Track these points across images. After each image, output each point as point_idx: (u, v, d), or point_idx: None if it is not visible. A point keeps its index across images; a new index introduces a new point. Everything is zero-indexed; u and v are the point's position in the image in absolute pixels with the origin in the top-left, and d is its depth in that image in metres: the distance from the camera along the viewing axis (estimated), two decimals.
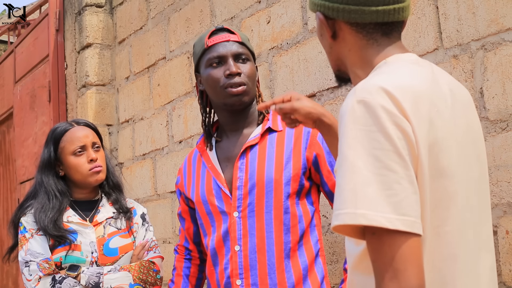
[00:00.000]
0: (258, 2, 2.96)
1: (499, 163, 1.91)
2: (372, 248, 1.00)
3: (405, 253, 0.96)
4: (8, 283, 5.75)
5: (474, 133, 1.20)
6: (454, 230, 1.08)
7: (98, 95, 4.22)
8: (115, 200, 2.29)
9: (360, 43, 1.20)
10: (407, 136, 1.02)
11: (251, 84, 1.87)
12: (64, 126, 2.29)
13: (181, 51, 3.57)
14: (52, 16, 4.64)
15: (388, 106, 1.03)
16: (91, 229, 2.19)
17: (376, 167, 0.99)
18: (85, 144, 2.23)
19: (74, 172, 2.22)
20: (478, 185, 1.17)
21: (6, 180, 5.88)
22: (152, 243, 2.29)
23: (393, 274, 0.96)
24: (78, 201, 2.26)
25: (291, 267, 1.78)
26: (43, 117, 4.72)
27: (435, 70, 1.22)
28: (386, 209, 0.97)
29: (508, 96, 1.90)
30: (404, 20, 1.23)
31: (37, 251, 2.11)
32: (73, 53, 4.48)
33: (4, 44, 8.19)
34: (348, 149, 1.02)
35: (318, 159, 1.83)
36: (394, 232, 0.97)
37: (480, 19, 1.98)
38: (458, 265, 1.08)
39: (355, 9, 1.18)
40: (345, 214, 0.99)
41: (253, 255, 1.79)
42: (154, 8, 3.85)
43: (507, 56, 1.90)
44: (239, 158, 1.86)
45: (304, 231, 1.81)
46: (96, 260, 2.14)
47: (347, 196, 1.00)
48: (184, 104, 3.52)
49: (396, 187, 0.99)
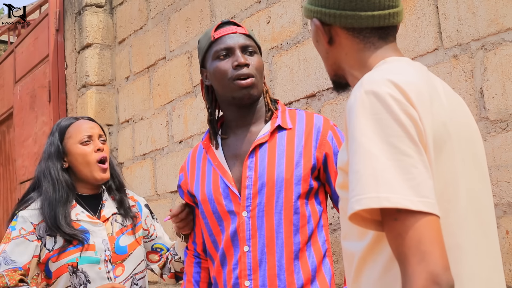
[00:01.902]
0: (258, 2, 2.97)
1: (499, 163, 1.91)
2: (394, 234, 1.00)
3: (430, 235, 0.97)
4: None
5: (471, 132, 1.22)
6: (457, 221, 1.10)
7: (98, 95, 4.22)
8: (120, 201, 2.25)
9: (357, 47, 1.23)
10: (416, 124, 1.04)
11: (259, 77, 1.84)
12: (69, 119, 2.25)
13: (181, 51, 3.57)
14: (52, 16, 4.64)
15: (396, 95, 1.05)
16: (101, 226, 2.15)
17: (392, 153, 1.01)
18: (92, 134, 2.19)
19: (80, 163, 2.17)
20: (477, 182, 1.19)
21: (6, 180, 5.88)
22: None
23: (420, 257, 0.96)
24: (83, 196, 2.21)
25: (300, 268, 1.75)
26: (43, 117, 4.72)
27: (429, 73, 1.25)
28: (407, 192, 0.99)
29: (508, 96, 1.90)
30: (398, 23, 1.26)
31: (12, 257, 2.04)
32: (73, 53, 4.48)
33: (4, 44, 8.19)
34: (362, 137, 1.03)
35: (327, 159, 1.80)
36: (417, 214, 0.98)
37: (480, 19, 1.98)
38: (462, 255, 1.09)
39: (352, 15, 1.20)
40: (367, 199, 1.00)
41: (262, 255, 1.75)
42: (154, 8, 3.85)
43: (507, 56, 1.90)
44: (248, 156, 1.81)
45: (312, 232, 1.78)
46: (109, 259, 2.11)
47: (368, 181, 1.01)
48: (184, 104, 3.52)
49: (414, 171, 1.00)
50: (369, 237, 1.10)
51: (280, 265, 1.74)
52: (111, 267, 2.12)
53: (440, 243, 0.98)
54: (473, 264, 1.11)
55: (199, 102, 3.41)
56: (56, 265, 2.08)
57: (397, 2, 1.22)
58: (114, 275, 2.11)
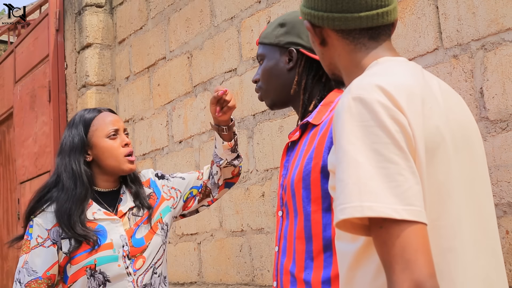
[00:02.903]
0: (258, 2, 2.97)
1: (499, 163, 1.91)
2: (380, 242, 1.00)
3: (414, 243, 0.97)
4: (8, 283, 5.75)
5: (469, 132, 1.22)
6: (450, 224, 1.09)
7: (98, 95, 4.22)
8: (135, 194, 2.19)
9: (348, 48, 1.23)
10: (404, 129, 1.04)
11: (265, 85, 1.73)
12: (92, 111, 2.18)
13: (181, 51, 3.57)
14: (52, 16, 4.64)
15: (384, 101, 1.05)
16: (118, 222, 2.11)
17: (377, 160, 1.01)
18: (118, 128, 2.14)
19: (107, 157, 2.11)
20: (475, 182, 1.18)
21: (6, 180, 5.88)
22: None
23: (404, 265, 0.96)
24: (100, 192, 2.16)
25: (311, 278, 1.56)
26: (43, 117, 4.72)
27: (425, 72, 1.25)
28: (391, 200, 0.98)
29: (508, 96, 1.90)
30: (393, 22, 1.24)
31: (33, 268, 2.02)
32: (73, 53, 4.48)
33: (4, 44, 8.18)
34: (347, 144, 1.03)
35: None
36: (402, 223, 0.98)
37: (480, 19, 1.98)
38: (455, 258, 1.09)
39: (339, 17, 1.20)
40: (351, 208, 1.00)
41: (283, 259, 1.63)
42: (154, 8, 3.85)
43: (507, 56, 1.90)
44: (285, 154, 1.72)
45: (329, 241, 1.54)
46: (127, 254, 2.07)
47: (352, 190, 1.00)
48: (184, 104, 3.52)
49: (399, 179, 1.00)
50: (362, 239, 1.10)
51: (292, 273, 1.61)
52: (129, 262, 2.08)
53: (425, 250, 0.98)
54: (468, 267, 1.10)
55: (199, 102, 3.41)
56: (73, 268, 2.04)
57: (386, 1, 1.21)
58: (133, 269, 2.07)
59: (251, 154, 3.01)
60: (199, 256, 3.39)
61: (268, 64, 1.72)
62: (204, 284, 3.36)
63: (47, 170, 4.61)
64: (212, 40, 3.31)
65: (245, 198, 3.01)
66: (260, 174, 2.95)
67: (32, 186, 4.90)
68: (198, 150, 3.40)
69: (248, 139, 3.03)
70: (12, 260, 5.57)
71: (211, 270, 3.30)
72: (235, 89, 3.11)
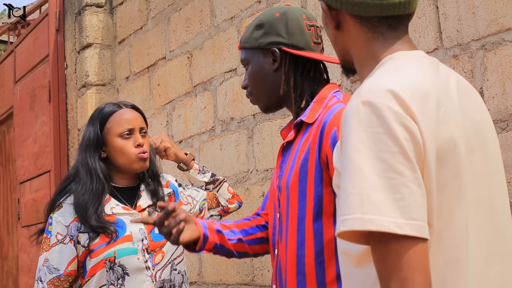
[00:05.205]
0: (258, 2, 2.97)
1: None
2: (377, 257, 0.97)
3: (412, 261, 0.94)
4: (8, 283, 5.75)
5: (484, 131, 1.16)
6: (457, 233, 1.05)
7: (98, 95, 4.22)
8: (153, 191, 2.17)
9: (364, 36, 1.16)
10: (414, 138, 0.99)
11: (254, 90, 1.69)
12: (111, 106, 2.15)
13: (181, 51, 3.57)
14: (52, 16, 4.64)
15: (395, 107, 1.00)
16: (137, 216, 2.08)
17: (383, 170, 0.96)
18: (133, 128, 2.10)
19: (119, 156, 2.09)
20: (490, 185, 1.14)
21: (6, 180, 5.88)
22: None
23: (400, 283, 0.93)
24: (118, 188, 2.14)
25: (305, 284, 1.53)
26: (43, 117, 4.72)
27: (442, 67, 1.19)
28: (394, 214, 0.94)
29: (508, 96, 1.90)
30: (412, 12, 1.18)
31: (54, 265, 2.02)
32: (73, 53, 4.48)
33: (4, 44, 8.18)
34: (354, 152, 0.99)
35: (328, 161, 1.55)
36: (402, 238, 0.94)
37: (480, 19, 1.98)
38: (459, 269, 1.05)
39: (359, 2, 1.13)
40: (352, 220, 0.96)
41: (283, 263, 1.59)
42: (154, 8, 3.85)
43: (507, 56, 1.90)
44: (281, 154, 1.69)
45: (322, 247, 1.51)
46: (146, 248, 2.06)
47: (354, 201, 0.96)
48: (184, 104, 3.52)
49: (404, 191, 0.96)
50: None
51: (288, 278, 1.58)
52: (148, 256, 2.07)
53: (423, 269, 0.94)
54: (473, 278, 1.06)
55: (199, 102, 3.41)
56: (93, 261, 2.03)
57: None
58: (152, 263, 2.06)
59: (251, 154, 3.01)
60: (199, 256, 3.39)
61: (254, 68, 1.68)
62: (204, 284, 3.36)
63: (47, 170, 4.62)
64: (212, 40, 3.31)
65: (245, 198, 3.01)
66: (260, 174, 2.95)
67: (32, 186, 4.90)
68: (198, 150, 3.40)
69: (248, 139, 3.03)
70: (12, 260, 5.58)
71: (211, 270, 3.30)
72: (235, 89, 3.11)
